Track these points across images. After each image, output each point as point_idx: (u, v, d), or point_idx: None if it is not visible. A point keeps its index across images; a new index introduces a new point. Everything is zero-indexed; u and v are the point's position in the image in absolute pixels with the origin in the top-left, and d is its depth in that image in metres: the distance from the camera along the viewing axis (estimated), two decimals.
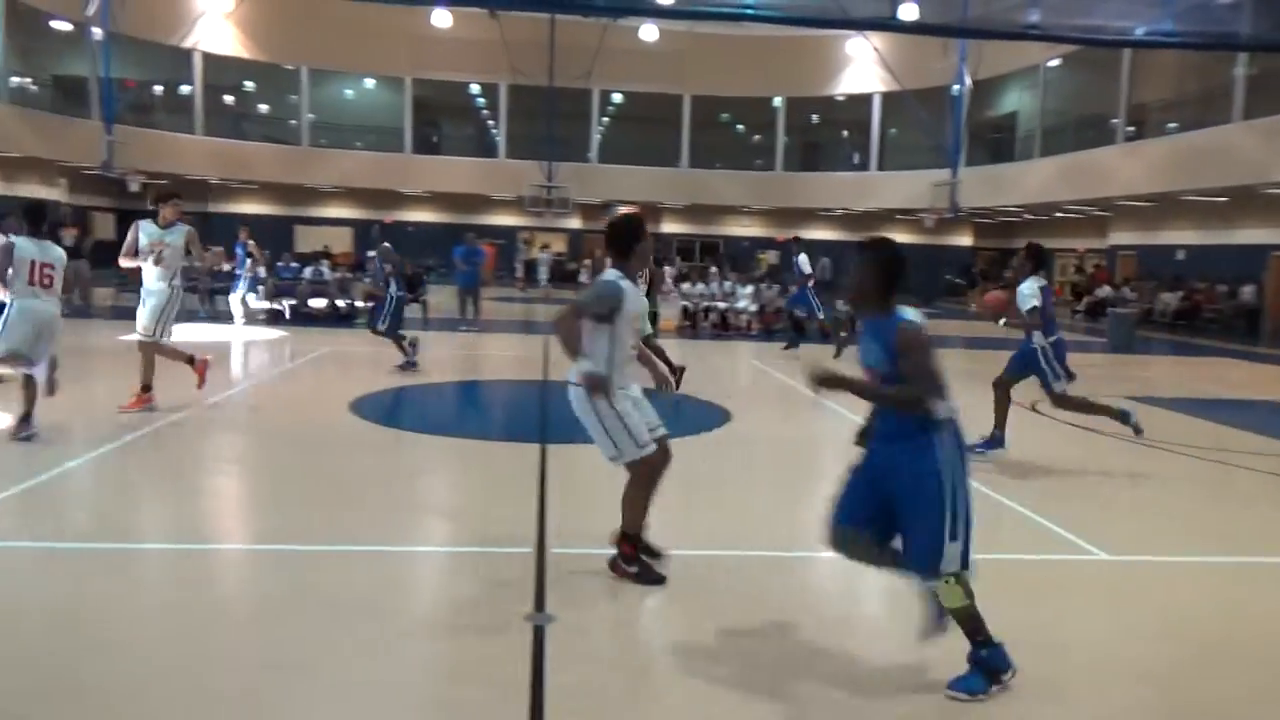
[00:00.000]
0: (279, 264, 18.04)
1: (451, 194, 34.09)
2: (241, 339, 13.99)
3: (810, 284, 14.43)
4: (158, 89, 31.42)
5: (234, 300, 16.22)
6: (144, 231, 7.91)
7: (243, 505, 5.97)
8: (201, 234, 8.90)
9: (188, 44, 29.93)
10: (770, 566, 4.83)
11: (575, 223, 35.70)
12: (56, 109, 27.35)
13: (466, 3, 25.29)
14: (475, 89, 34.63)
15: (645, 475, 4.39)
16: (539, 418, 8.90)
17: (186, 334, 14.41)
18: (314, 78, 33.24)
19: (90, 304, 16.26)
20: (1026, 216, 31.07)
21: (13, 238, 6.94)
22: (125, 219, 31.05)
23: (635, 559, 4.41)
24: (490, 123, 35.01)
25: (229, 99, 33.47)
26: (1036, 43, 22.37)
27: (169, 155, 29.43)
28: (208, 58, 30.87)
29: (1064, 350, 7.13)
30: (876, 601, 4.41)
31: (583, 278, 32.82)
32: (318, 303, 17.40)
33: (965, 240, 35.70)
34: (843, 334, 13.74)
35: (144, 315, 7.91)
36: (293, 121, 33.70)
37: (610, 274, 4.26)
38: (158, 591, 4.17)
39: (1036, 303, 6.89)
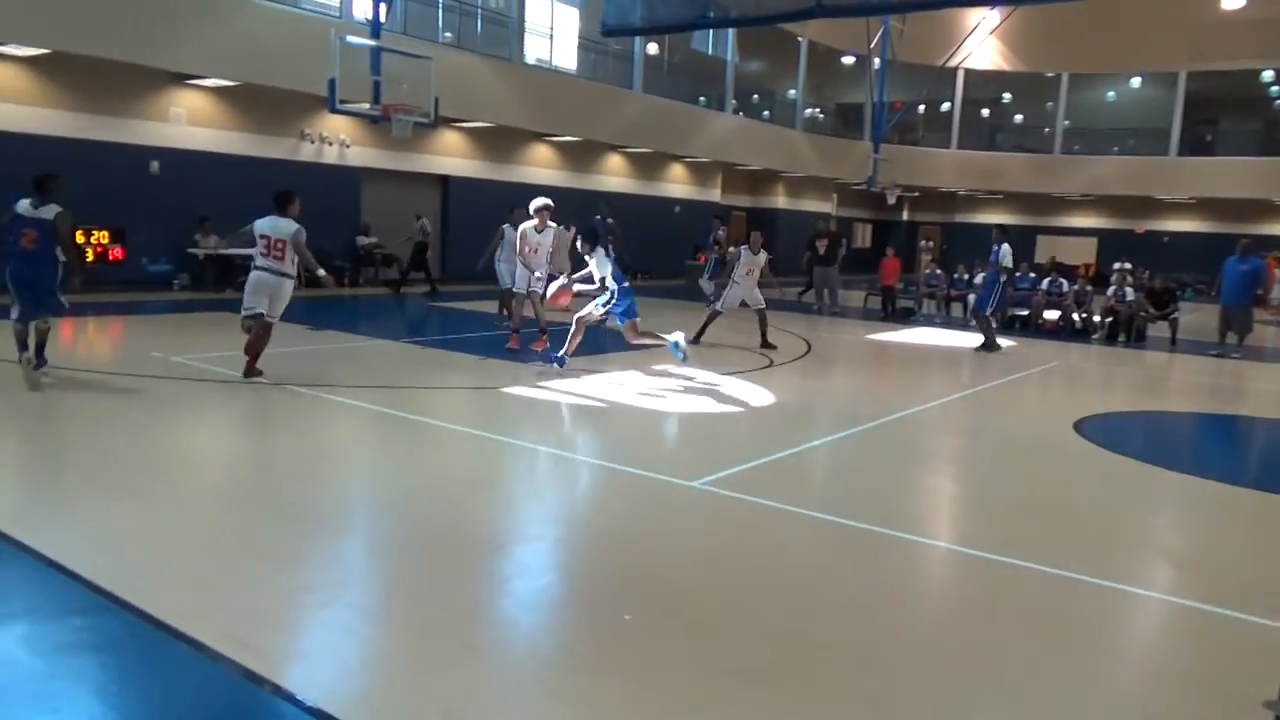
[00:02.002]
0: (1017, 274, 17.88)
1: (1221, 200, 29.87)
2: (974, 346, 14.21)
3: (1004, 278, 13.23)
4: (920, 108, 33.84)
5: (705, 282, 17.54)
6: (508, 232, 11.36)
7: (954, 505, 6.14)
8: (942, 242, 9.38)
9: (953, 63, 31.60)
10: None
11: None
12: (835, 133, 31.44)
13: None
14: (1268, 75, 29.68)
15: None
16: None
17: (914, 335, 15.31)
18: (1073, 83, 32.20)
19: (824, 305, 18.14)
20: None
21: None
22: (880, 229, 34.44)
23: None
24: None
25: (984, 112, 34.43)
26: None
27: (923, 170, 31.53)
28: (969, 74, 32.21)
29: (627, 300, 9.28)
30: None
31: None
32: (1051, 314, 16.88)
33: None
34: None
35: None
36: (1046, 129, 33.19)
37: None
38: (866, 570, 4.56)
39: (606, 272, 9.37)
